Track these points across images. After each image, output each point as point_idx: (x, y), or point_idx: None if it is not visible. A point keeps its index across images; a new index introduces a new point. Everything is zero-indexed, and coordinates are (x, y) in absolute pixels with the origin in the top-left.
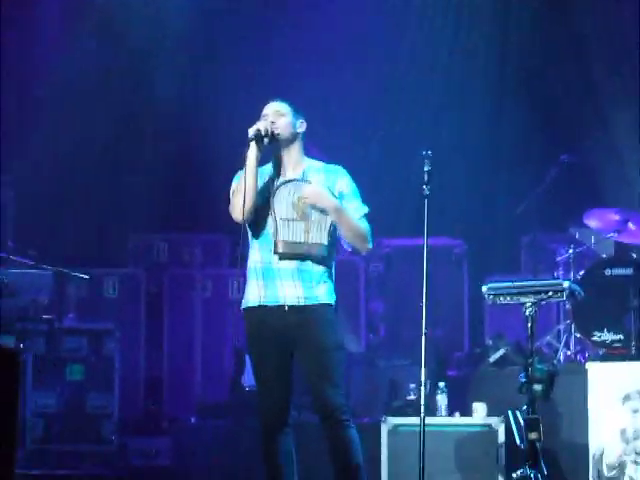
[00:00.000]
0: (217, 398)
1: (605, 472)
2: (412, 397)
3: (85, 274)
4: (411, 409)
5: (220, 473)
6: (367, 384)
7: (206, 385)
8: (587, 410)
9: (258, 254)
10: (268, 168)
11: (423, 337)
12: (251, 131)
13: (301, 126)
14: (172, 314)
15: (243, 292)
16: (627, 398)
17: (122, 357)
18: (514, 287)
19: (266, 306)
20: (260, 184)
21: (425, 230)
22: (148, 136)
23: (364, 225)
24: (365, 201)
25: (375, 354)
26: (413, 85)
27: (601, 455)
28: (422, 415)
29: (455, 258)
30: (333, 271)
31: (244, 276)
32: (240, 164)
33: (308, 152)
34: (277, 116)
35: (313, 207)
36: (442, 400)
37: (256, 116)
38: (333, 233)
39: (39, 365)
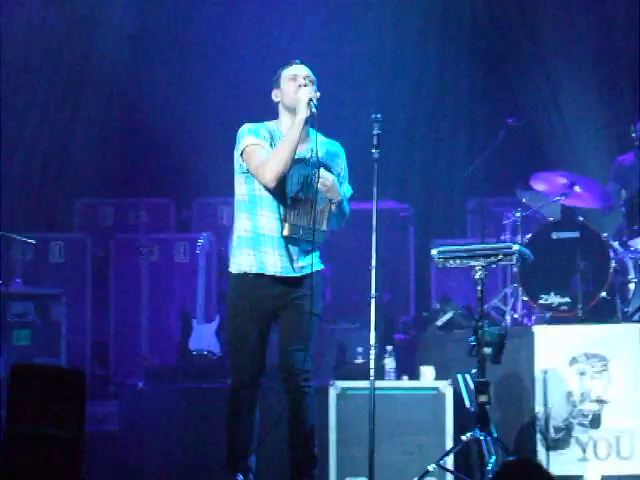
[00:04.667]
0: (164, 362)
1: (552, 434)
2: (360, 361)
3: (31, 239)
4: (359, 373)
5: (168, 437)
6: (314, 348)
7: (153, 350)
8: (534, 373)
9: (267, 222)
10: (271, 127)
11: (372, 300)
12: (308, 97)
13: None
14: (118, 279)
15: (227, 254)
16: (574, 361)
17: (69, 322)
18: (464, 250)
19: (264, 275)
20: (271, 145)
21: (375, 194)
22: (94, 100)
23: (347, 209)
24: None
25: (322, 318)
26: (361, 49)
27: (548, 418)
28: (372, 378)
29: (401, 222)
30: None
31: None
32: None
33: None
34: (309, 82)
35: (323, 194)
36: (390, 364)
37: (199, 85)
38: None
39: None
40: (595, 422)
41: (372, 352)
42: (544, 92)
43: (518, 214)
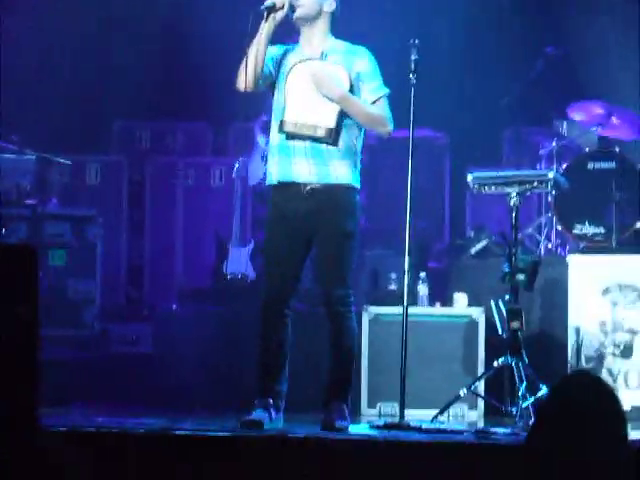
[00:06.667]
0: (198, 286)
1: (583, 363)
2: (393, 287)
3: (68, 160)
4: (392, 299)
5: (200, 359)
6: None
7: (187, 273)
8: (567, 302)
9: (274, 132)
10: (292, 47)
11: (407, 226)
12: (266, 2)
13: (329, 5)
14: (154, 202)
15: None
16: (607, 291)
17: (104, 244)
18: (499, 177)
19: (283, 184)
20: (281, 61)
21: (411, 119)
22: (135, 19)
23: (378, 109)
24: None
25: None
26: None
27: (580, 346)
28: (405, 304)
29: (437, 150)
30: (356, 155)
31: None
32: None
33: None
34: None
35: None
36: (423, 290)
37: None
38: (345, 116)
39: None
40: (627, 352)
41: (405, 278)
42: (584, 19)
43: (554, 144)
